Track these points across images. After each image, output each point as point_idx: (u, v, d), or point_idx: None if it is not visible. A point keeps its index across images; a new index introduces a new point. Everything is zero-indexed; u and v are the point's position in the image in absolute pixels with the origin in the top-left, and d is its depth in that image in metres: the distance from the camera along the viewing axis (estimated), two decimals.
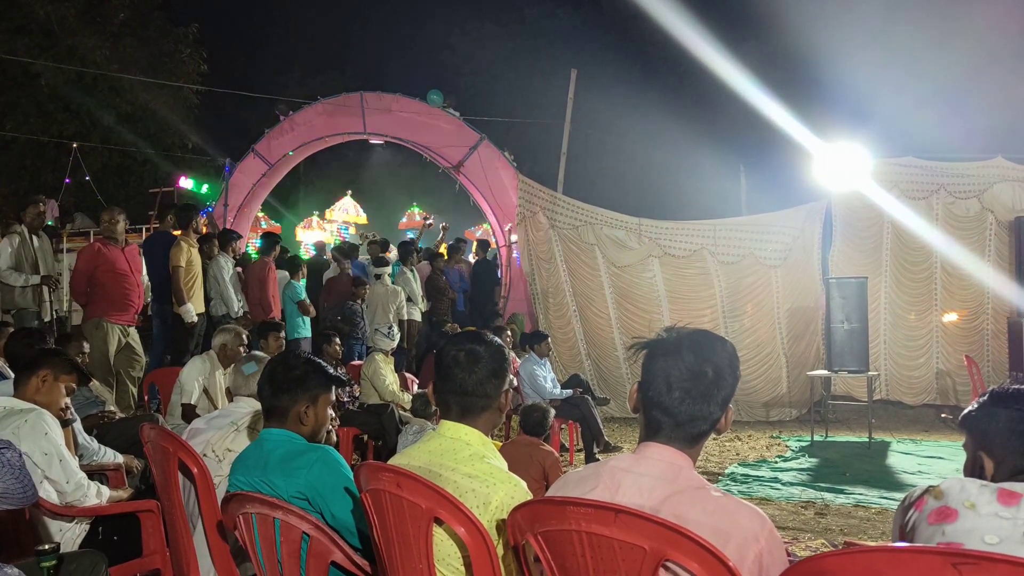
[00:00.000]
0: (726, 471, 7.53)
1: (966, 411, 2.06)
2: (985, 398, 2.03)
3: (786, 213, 11.40)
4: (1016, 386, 2.05)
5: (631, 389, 1.91)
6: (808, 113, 12.54)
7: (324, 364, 2.76)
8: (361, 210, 20.79)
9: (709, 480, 5.71)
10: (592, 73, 16.51)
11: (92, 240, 9.31)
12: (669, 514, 1.65)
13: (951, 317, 11.05)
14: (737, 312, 11.17)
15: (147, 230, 13.55)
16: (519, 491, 2.02)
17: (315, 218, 20.08)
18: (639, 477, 1.78)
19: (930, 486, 1.91)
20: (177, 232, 8.35)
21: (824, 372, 9.85)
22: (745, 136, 17.29)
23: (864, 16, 15.64)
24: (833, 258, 11.31)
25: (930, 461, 8.01)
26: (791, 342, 11.11)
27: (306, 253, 16.11)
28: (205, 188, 17.93)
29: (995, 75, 13.37)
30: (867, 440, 8.95)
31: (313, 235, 18.61)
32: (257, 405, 3.53)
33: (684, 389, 1.80)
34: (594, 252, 11.25)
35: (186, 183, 17.85)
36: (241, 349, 5.86)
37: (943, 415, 10.53)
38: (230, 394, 3.94)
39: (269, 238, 9.91)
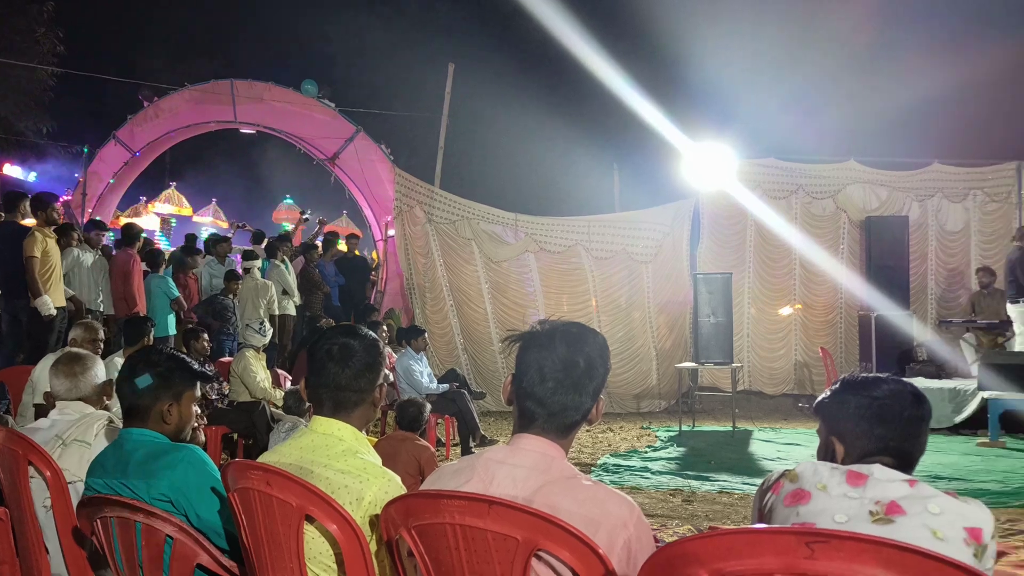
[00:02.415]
0: (599, 462, 7.71)
1: (819, 399, 2.17)
2: (837, 386, 2.15)
3: (656, 211, 11.78)
4: (865, 374, 2.18)
5: (505, 381, 1.92)
6: (678, 113, 12.96)
7: (188, 360, 2.65)
8: (185, 201, 20.00)
9: (583, 471, 5.83)
10: (471, 68, 16.52)
11: None
12: (542, 504, 1.67)
13: (787, 311, 11.69)
14: (610, 306, 11.45)
15: None
16: (393, 486, 2.00)
17: (142, 205, 19.12)
18: (513, 468, 1.79)
19: (786, 470, 2.00)
20: (30, 222, 7.84)
21: (691, 364, 10.23)
22: (619, 134, 17.71)
23: (731, 22, 16.29)
24: (701, 254, 11.76)
25: (788, 448, 8.45)
26: (661, 336, 11.49)
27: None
28: (32, 176, 16.81)
29: (848, 82, 14.19)
30: (731, 429, 9.36)
31: (144, 221, 17.81)
32: (87, 409, 3.28)
33: (557, 380, 1.82)
34: (471, 247, 11.29)
35: (12, 170, 16.67)
36: (91, 346, 5.50)
37: (800, 404, 11.13)
38: (48, 398, 3.46)
39: (130, 229, 9.44)
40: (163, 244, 16.10)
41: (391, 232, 11.83)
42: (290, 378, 8.38)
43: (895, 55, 13.96)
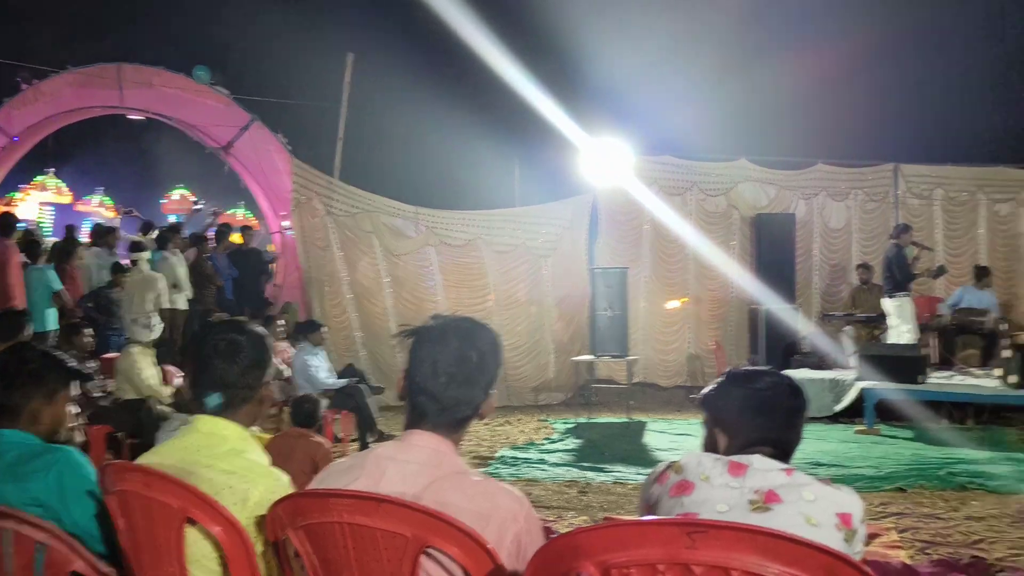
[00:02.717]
0: (496, 454, 7.73)
1: (704, 391, 2.24)
2: (721, 379, 2.22)
3: (556, 205, 11.94)
4: (748, 367, 2.26)
5: (398, 377, 1.91)
6: (578, 109, 13.10)
7: (63, 357, 2.52)
8: (65, 188, 19.08)
9: (481, 464, 5.84)
10: (372, 58, 16.30)
11: None
12: (432, 500, 1.68)
13: (673, 304, 12.05)
14: (509, 300, 11.53)
15: None
16: (280, 486, 1.96)
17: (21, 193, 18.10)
18: (403, 464, 1.79)
19: (672, 462, 2.06)
20: None
21: (588, 357, 10.40)
22: (520, 129, 17.78)
23: (629, 19, 16.61)
24: (598, 249, 11.97)
25: (681, 438, 8.69)
26: (560, 329, 11.65)
27: None
28: None
29: (739, 81, 14.66)
30: (626, 420, 9.57)
31: (23, 210, 16.88)
32: None
33: (449, 374, 1.83)
34: (371, 240, 11.17)
35: None
36: None
37: (692, 396, 11.44)
38: None
39: (7, 219, 8.94)
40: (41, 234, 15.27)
41: (288, 224, 11.59)
42: (181, 374, 8.11)
43: (781, 56, 14.50)
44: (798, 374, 9.68)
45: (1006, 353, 9.33)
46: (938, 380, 9.11)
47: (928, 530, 5.01)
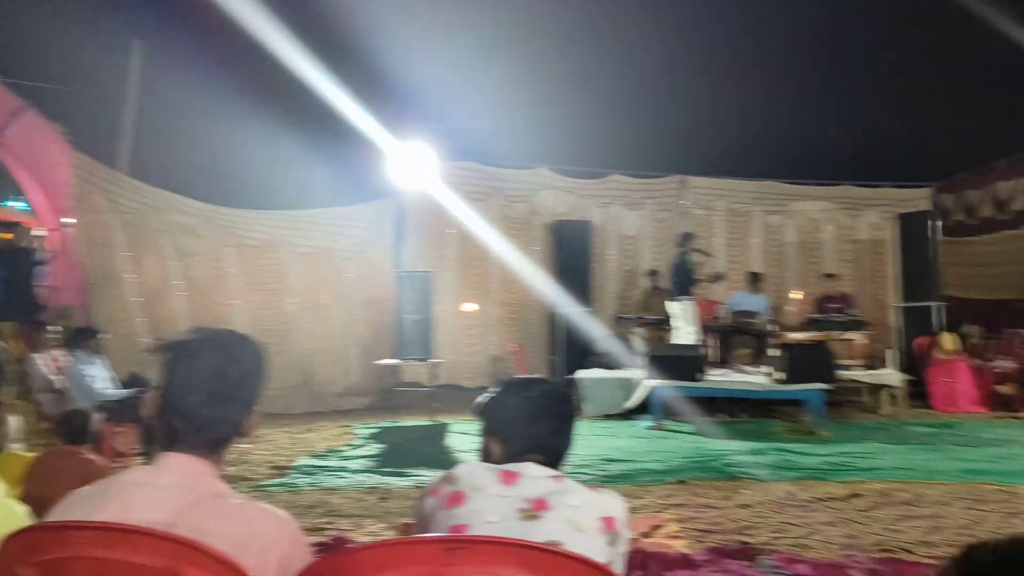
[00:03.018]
0: (294, 463, 7.50)
1: (479, 400, 2.26)
2: (496, 389, 2.25)
3: (362, 208, 11.83)
4: (525, 376, 2.30)
5: (149, 395, 1.79)
6: (385, 113, 13.00)
7: None
8: None
9: (278, 473, 5.63)
10: (166, 49, 15.43)
11: None
12: (187, 527, 1.58)
13: (470, 307, 12.30)
14: (312, 303, 11.28)
15: None
16: (12, 517, 1.79)
17: None
18: (155, 490, 1.67)
19: (447, 473, 2.06)
20: None
21: (392, 361, 10.36)
22: (326, 130, 17.40)
23: (432, 26, 16.67)
24: (405, 253, 11.95)
25: None
26: (365, 332, 11.51)
27: None
28: None
29: (539, 90, 15.07)
30: (430, 423, 9.60)
31: None
32: None
33: (206, 392, 1.73)
34: (161, 239, 10.55)
35: None
36: None
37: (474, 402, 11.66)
38: None
39: None
40: None
41: (67, 221, 10.70)
42: None
43: (578, 68, 15.03)
44: (592, 374, 10.12)
45: (774, 352, 10.19)
46: (716, 377, 9.82)
47: (704, 519, 5.35)
